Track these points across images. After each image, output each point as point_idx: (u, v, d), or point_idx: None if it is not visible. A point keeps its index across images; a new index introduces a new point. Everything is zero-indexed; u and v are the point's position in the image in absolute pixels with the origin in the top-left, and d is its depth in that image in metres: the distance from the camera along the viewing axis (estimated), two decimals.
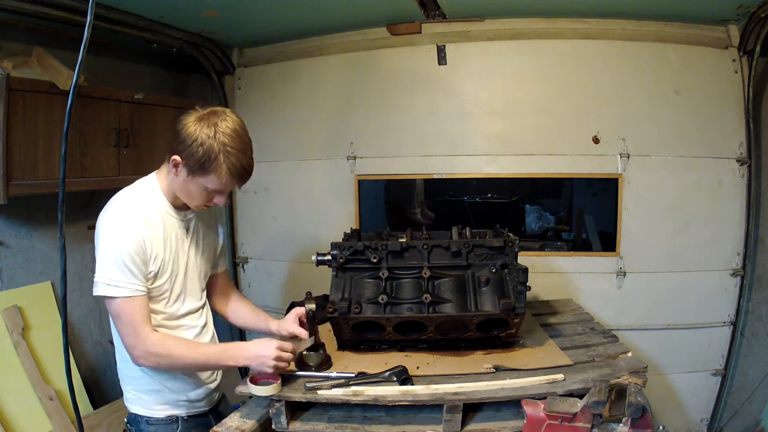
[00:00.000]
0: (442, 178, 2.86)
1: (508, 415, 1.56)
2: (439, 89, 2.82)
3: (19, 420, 2.15)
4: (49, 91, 2.15)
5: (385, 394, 1.54)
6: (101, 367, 2.72)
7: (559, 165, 2.74)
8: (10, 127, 2.03)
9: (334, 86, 3.00)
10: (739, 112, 2.61)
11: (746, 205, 2.62)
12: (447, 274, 1.80)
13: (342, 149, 2.97)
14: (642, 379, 1.59)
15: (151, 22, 2.53)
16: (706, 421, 2.79)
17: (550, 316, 2.25)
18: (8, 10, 2.04)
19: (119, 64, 2.88)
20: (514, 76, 2.78)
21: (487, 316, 1.71)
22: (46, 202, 2.38)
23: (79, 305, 2.64)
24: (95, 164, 2.41)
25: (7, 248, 2.31)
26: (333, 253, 1.82)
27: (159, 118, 2.75)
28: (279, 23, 2.77)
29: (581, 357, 1.77)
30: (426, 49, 2.82)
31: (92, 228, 2.71)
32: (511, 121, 2.76)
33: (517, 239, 1.81)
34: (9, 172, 2.03)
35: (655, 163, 2.67)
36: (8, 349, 2.21)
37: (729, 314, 2.68)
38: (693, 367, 2.73)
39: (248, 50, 3.21)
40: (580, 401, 1.37)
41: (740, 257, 2.65)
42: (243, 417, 1.61)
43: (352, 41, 2.94)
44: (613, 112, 2.68)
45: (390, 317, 1.72)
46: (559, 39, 2.71)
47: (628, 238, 2.69)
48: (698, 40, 2.65)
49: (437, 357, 1.79)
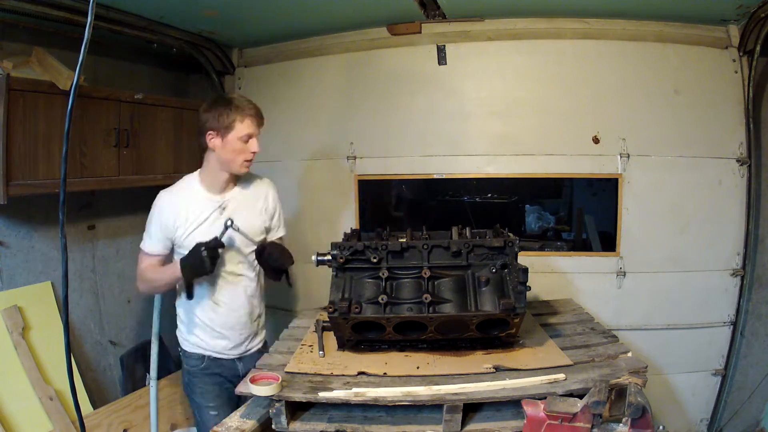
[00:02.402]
0: (442, 178, 2.86)
1: (508, 415, 1.56)
2: (439, 89, 2.82)
3: (19, 420, 2.15)
4: (49, 91, 2.15)
5: (385, 394, 1.54)
6: (101, 367, 2.72)
7: (559, 165, 2.74)
8: (10, 127, 2.03)
9: (334, 86, 3.00)
10: (739, 112, 2.61)
11: (746, 205, 2.62)
12: (447, 274, 1.80)
13: (342, 149, 2.97)
14: (642, 379, 1.59)
15: (151, 22, 2.53)
16: (706, 421, 2.79)
17: (550, 316, 2.25)
18: (8, 10, 2.04)
19: (119, 64, 2.88)
20: (514, 76, 2.78)
21: (487, 316, 1.71)
22: (46, 202, 2.38)
23: (78, 305, 2.64)
24: (95, 164, 2.40)
25: (7, 248, 2.31)
26: (333, 253, 1.82)
27: (159, 118, 2.75)
28: (279, 23, 2.77)
29: (581, 357, 1.77)
30: (426, 49, 2.82)
31: (92, 228, 2.74)
32: (511, 121, 2.76)
33: (517, 239, 1.81)
34: (9, 172, 2.03)
35: (655, 163, 2.67)
36: (8, 349, 2.21)
37: (729, 314, 2.68)
38: (693, 367, 2.73)
39: (248, 50, 3.21)
40: (580, 401, 1.37)
41: (740, 257, 2.65)
42: (243, 417, 1.61)
43: (352, 41, 2.94)
44: (613, 112, 2.68)
45: (390, 317, 1.72)
46: (559, 39, 2.71)
47: (628, 238, 2.69)
48: (698, 40, 2.65)
49: (437, 357, 1.79)
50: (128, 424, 2.50)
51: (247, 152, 1.95)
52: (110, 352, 2.77)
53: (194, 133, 3.00)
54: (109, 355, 2.77)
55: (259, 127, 1.98)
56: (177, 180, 2.09)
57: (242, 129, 1.91)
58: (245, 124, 1.92)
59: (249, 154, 1.96)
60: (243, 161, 1.96)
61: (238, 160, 1.95)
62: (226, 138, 1.91)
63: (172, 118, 2.84)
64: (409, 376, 1.66)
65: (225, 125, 1.90)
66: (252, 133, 1.95)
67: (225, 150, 1.93)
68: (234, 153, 1.93)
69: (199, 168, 2.07)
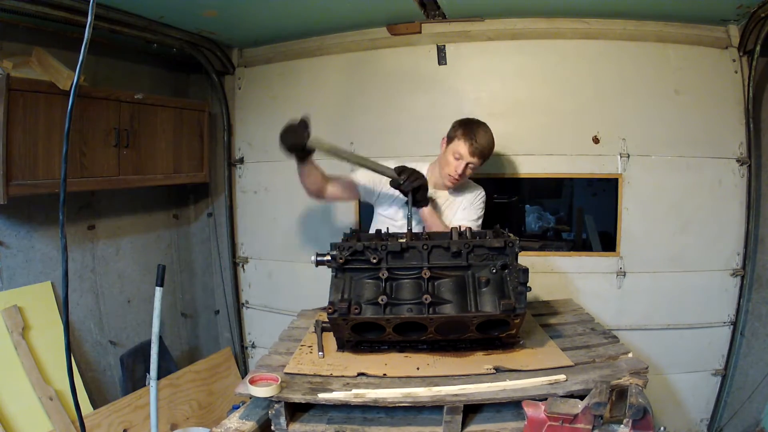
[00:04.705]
0: None
1: (508, 417, 1.55)
2: (439, 89, 2.82)
3: (19, 420, 2.15)
4: (49, 91, 2.15)
5: (385, 395, 1.54)
6: (101, 367, 2.72)
7: (560, 165, 2.73)
8: (10, 127, 2.03)
9: (334, 86, 3.00)
10: (739, 112, 2.61)
11: (746, 205, 2.62)
12: (447, 274, 1.80)
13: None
14: (643, 380, 1.58)
15: (151, 22, 2.53)
16: (706, 421, 2.79)
17: (550, 317, 2.25)
18: (8, 10, 2.04)
19: (119, 64, 2.88)
20: (514, 76, 2.77)
21: (488, 316, 1.71)
22: (46, 202, 2.38)
23: (78, 305, 2.64)
24: (95, 164, 2.40)
25: (7, 248, 2.31)
26: (332, 253, 1.81)
27: (159, 118, 2.75)
28: (279, 23, 2.77)
29: (582, 358, 1.76)
30: (426, 49, 2.82)
31: (92, 228, 2.74)
32: (511, 121, 2.76)
33: (517, 239, 1.81)
34: (9, 172, 2.03)
35: (655, 163, 2.67)
36: (8, 349, 2.21)
37: (729, 314, 2.68)
38: (693, 367, 2.73)
39: (248, 50, 3.21)
40: (581, 402, 1.37)
41: (740, 257, 2.65)
42: (242, 418, 1.61)
43: (352, 41, 2.94)
44: (613, 112, 2.68)
45: (390, 318, 1.72)
46: (559, 39, 2.71)
47: (628, 238, 2.69)
48: (698, 40, 2.65)
49: (437, 358, 1.79)
50: (128, 424, 2.50)
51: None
52: (110, 352, 2.77)
53: (194, 133, 3.03)
54: (109, 355, 2.77)
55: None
56: (177, 180, 2.09)
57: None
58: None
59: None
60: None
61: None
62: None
63: (172, 118, 2.84)
64: (409, 377, 1.65)
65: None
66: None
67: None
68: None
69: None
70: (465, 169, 2.14)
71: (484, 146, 2.12)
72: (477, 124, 2.15)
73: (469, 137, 2.10)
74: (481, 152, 2.12)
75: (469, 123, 2.15)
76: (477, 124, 2.15)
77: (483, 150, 2.12)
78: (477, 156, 2.12)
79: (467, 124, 2.15)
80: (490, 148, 2.15)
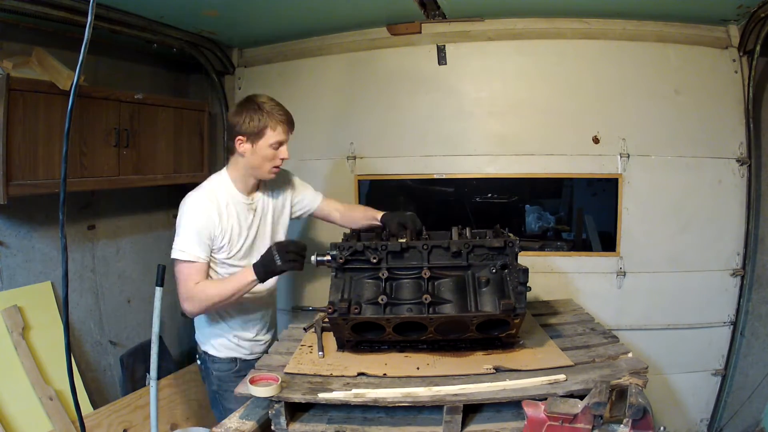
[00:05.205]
0: (442, 178, 2.86)
1: (508, 416, 1.55)
2: (439, 89, 2.82)
3: (19, 420, 2.15)
4: (49, 91, 2.15)
5: (385, 395, 1.54)
6: (101, 367, 2.72)
7: (559, 165, 2.74)
8: (10, 127, 2.02)
9: (334, 86, 3.00)
10: (739, 112, 2.61)
11: (746, 205, 2.62)
12: (447, 274, 1.80)
13: (342, 149, 2.97)
14: (643, 379, 1.58)
15: (151, 22, 2.52)
16: (706, 421, 2.79)
17: (550, 317, 2.25)
18: (8, 10, 2.04)
19: (119, 64, 2.88)
20: (514, 76, 2.78)
21: (488, 316, 1.71)
22: (46, 202, 2.37)
23: (78, 305, 2.64)
24: (95, 164, 2.40)
25: (7, 248, 2.31)
26: (332, 253, 1.81)
27: (159, 118, 2.75)
28: (279, 23, 2.77)
29: (582, 357, 1.76)
30: (426, 49, 2.82)
31: (92, 228, 2.74)
32: (511, 121, 2.76)
33: (517, 239, 1.81)
34: (9, 172, 2.03)
35: (655, 163, 2.67)
36: (8, 349, 2.21)
37: (729, 314, 2.68)
38: (693, 367, 2.73)
39: (248, 50, 3.20)
40: (581, 402, 1.37)
41: (740, 257, 2.65)
42: (242, 418, 1.61)
43: (352, 41, 2.94)
44: (613, 112, 2.68)
45: (390, 318, 1.72)
46: (559, 39, 2.71)
47: (628, 238, 2.69)
48: (698, 40, 2.65)
49: (437, 358, 1.79)
50: (128, 424, 2.49)
51: (277, 159, 1.93)
52: (110, 352, 2.77)
53: (194, 133, 3.03)
54: (109, 355, 2.77)
55: (290, 133, 1.95)
56: (177, 180, 2.10)
57: (273, 136, 1.89)
58: (277, 132, 1.89)
59: (278, 161, 1.94)
60: (271, 168, 1.95)
61: (267, 166, 1.94)
62: (256, 144, 1.89)
63: (172, 118, 2.84)
64: (409, 377, 1.65)
65: (255, 131, 1.87)
66: (282, 140, 1.92)
67: (254, 156, 1.91)
68: (263, 159, 1.92)
69: (219, 168, 2.07)
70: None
71: (287, 112, 1.94)
72: (259, 101, 1.89)
73: (273, 117, 1.88)
74: (291, 119, 1.95)
75: (253, 106, 1.88)
76: (259, 101, 1.89)
77: (291, 116, 1.94)
78: (292, 126, 1.95)
79: (255, 109, 1.87)
80: (290, 114, 1.96)
